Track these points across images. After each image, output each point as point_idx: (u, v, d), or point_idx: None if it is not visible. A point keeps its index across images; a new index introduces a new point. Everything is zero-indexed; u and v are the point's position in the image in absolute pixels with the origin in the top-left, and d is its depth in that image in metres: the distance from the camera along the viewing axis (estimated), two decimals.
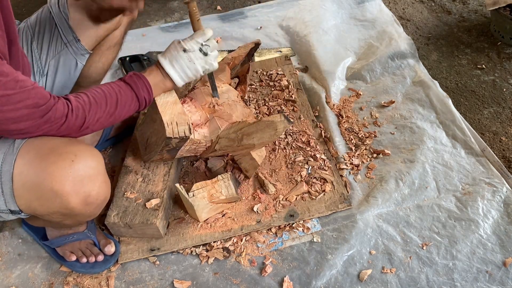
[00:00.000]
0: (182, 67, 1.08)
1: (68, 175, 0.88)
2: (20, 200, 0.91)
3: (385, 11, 2.00)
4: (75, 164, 0.89)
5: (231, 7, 2.28)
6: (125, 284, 1.15)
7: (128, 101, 1.02)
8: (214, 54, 1.10)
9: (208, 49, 1.08)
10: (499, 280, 1.08)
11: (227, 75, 1.35)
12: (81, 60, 1.25)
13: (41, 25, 1.20)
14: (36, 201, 0.91)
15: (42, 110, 0.86)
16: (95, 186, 0.94)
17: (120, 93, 1.00)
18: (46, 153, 0.89)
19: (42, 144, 0.91)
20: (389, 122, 1.52)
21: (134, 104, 1.04)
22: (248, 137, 1.17)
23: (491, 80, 1.70)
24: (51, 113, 0.87)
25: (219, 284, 1.14)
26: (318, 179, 1.32)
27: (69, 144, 0.93)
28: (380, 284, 1.10)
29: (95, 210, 0.99)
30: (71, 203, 0.91)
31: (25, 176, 0.89)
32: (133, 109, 1.05)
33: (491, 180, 1.29)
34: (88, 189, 0.92)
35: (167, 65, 1.07)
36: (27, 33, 1.20)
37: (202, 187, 1.19)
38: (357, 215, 1.24)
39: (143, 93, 1.04)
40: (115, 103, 0.99)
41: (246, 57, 1.37)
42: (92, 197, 0.94)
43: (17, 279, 1.18)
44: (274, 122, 1.13)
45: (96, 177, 0.94)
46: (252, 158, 1.23)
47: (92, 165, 0.93)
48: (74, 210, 0.93)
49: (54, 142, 0.92)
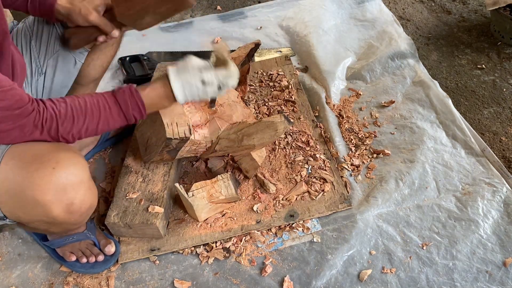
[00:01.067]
0: (193, 95, 1.00)
1: (49, 183, 0.86)
2: (4, 207, 0.90)
3: (385, 11, 2.00)
4: (56, 172, 0.87)
5: (231, 7, 2.28)
6: (125, 284, 1.15)
7: (113, 119, 0.96)
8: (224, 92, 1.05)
9: (225, 87, 1.02)
10: (499, 280, 1.08)
11: None
12: (80, 58, 1.25)
13: (39, 24, 1.20)
14: (19, 209, 0.90)
15: (16, 115, 0.83)
16: (78, 194, 0.91)
17: (105, 109, 0.94)
18: (28, 161, 0.87)
19: (26, 150, 0.89)
20: (389, 122, 1.52)
21: (122, 121, 0.98)
22: (248, 137, 1.17)
23: (491, 80, 1.70)
24: (26, 120, 0.84)
25: (219, 284, 1.14)
26: (318, 178, 1.32)
27: (52, 151, 0.90)
28: (380, 284, 1.10)
29: (80, 218, 0.96)
30: (54, 211, 0.89)
31: (8, 183, 0.87)
32: (120, 125, 0.99)
33: (491, 180, 1.29)
34: (71, 197, 0.90)
35: (178, 90, 0.98)
36: (26, 32, 1.20)
37: (201, 187, 1.19)
38: (357, 215, 1.24)
39: (133, 111, 0.97)
40: (97, 119, 0.94)
41: (246, 58, 1.37)
42: (76, 205, 0.91)
43: (17, 279, 1.18)
44: (275, 123, 1.13)
45: (79, 184, 0.91)
46: (253, 158, 1.23)
47: (74, 173, 0.90)
48: (57, 219, 0.91)
49: (38, 148, 0.90)
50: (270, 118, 1.14)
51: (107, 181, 1.40)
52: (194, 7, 2.31)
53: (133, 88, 0.98)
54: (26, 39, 1.19)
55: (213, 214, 1.25)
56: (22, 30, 1.20)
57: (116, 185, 1.25)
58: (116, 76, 1.80)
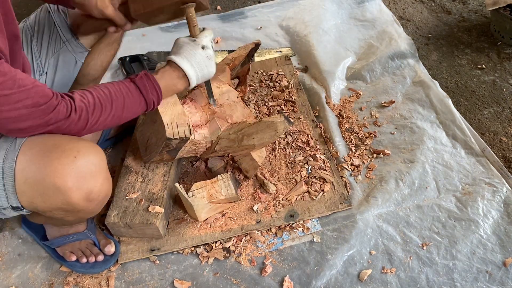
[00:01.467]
0: (200, 65, 1.05)
1: (70, 171, 0.88)
2: (22, 196, 0.91)
3: (385, 11, 2.00)
4: (78, 160, 0.89)
5: (231, 7, 2.28)
6: (125, 284, 1.15)
7: (136, 104, 1.01)
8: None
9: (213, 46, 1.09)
10: (499, 280, 1.08)
11: (227, 76, 1.35)
12: (80, 58, 1.25)
13: (40, 24, 1.20)
14: (39, 197, 0.91)
15: (43, 110, 0.85)
16: (97, 183, 0.94)
17: (128, 96, 0.99)
18: (48, 150, 0.89)
19: (44, 141, 0.91)
20: (389, 122, 1.52)
21: (142, 107, 1.03)
22: (248, 137, 1.17)
23: (491, 80, 1.70)
24: (52, 114, 0.87)
25: (219, 284, 1.14)
26: (317, 178, 1.32)
27: (71, 141, 0.92)
28: (380, 284, 1.10)
29: (97, 206, 0.99)
30: (73, 198, 0.91)
31: (27, 172, 0.89)
32: (140, 111, 1.04)
33: (491, 180, 1.29)
34: (91, 185, 0.92)
35: (185, 64, 1.04)
36: (27, 32, 1.20)
37: (201, 187, 1.19)
38: (357, 215, 1.24)
39: (152, 96, 1.02)
40: (122, 106, 0.98)
41: (246, 58, 1.37)
42: (94, 193, 0.94)
43: (17, 279, 1.18)
44: (275, 123, 1.13)
45: (98, 173, 0.94)
46: (253, 158, 1.23)
47: (94, 162, 0.93)
48: (76, 206, 0.93)
49: (57, 138, 0.92)
50: (270, 118, 1.14)
51: None
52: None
53: (148, 73, 1.03)
54: (27, 38, 1.19)
55: (213, 214, 1.25)
56: (23, 29, 1.20)
57: (116, 185, 1.25)
58: (116, 76, 1.81)
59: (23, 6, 2.44)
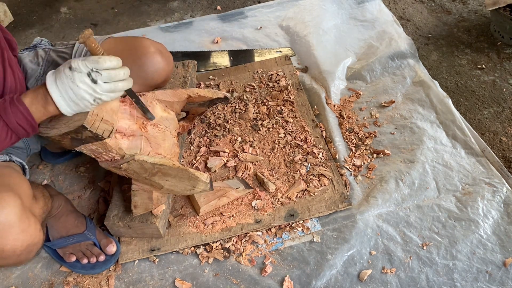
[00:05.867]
0: (65, 88, 0.86)
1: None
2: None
3: (385, 11, 2.00)
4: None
5: (231, 7, 2.28)
6: (125, 284, 1.15)
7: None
8: (107, 86, 0.89)
9: (99, 78, 0.87)
10: (499, 280, 1.08)
11: (180, 105, 1.24)
12: None
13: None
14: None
15: None
16: (8, 240, 0.85)
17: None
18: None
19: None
20: (389, 122, 1.52)
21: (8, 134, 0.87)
22: (162, 176, 1.05)
23: (491, 80, 1.70)
24: None
25: (219, 284, 1.13)
26: (316, 175, 1.32)
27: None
28: (380, 284, 1.10)
29: (19, 258, 0.89)
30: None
31: None
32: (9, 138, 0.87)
33: (491, 180, 1.29)
34: (1, 244, 0.84)
35: (50, 84, 0.87)
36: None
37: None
38: (357, 215, 1.24)
39: (18, 120, 0.86)
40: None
41: (208, 101, 1.29)
42: (7, 251, 0.86)
43: (17, 279, 1.18)
44: (198, 179, 1.06)
45: (8, 229, 0.85)
46: (151, 198, 1.11)
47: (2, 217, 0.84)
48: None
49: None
50: (197, 173, 1.05)
51: (106, 179, 1.40)
52: (194, 7, 2.31)
53: (14, 96, 0.87)
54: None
55: (212, 198, 1.24)
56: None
57: (115, 185, 1.25)
58: None
59: (23, 6, 2.44)
